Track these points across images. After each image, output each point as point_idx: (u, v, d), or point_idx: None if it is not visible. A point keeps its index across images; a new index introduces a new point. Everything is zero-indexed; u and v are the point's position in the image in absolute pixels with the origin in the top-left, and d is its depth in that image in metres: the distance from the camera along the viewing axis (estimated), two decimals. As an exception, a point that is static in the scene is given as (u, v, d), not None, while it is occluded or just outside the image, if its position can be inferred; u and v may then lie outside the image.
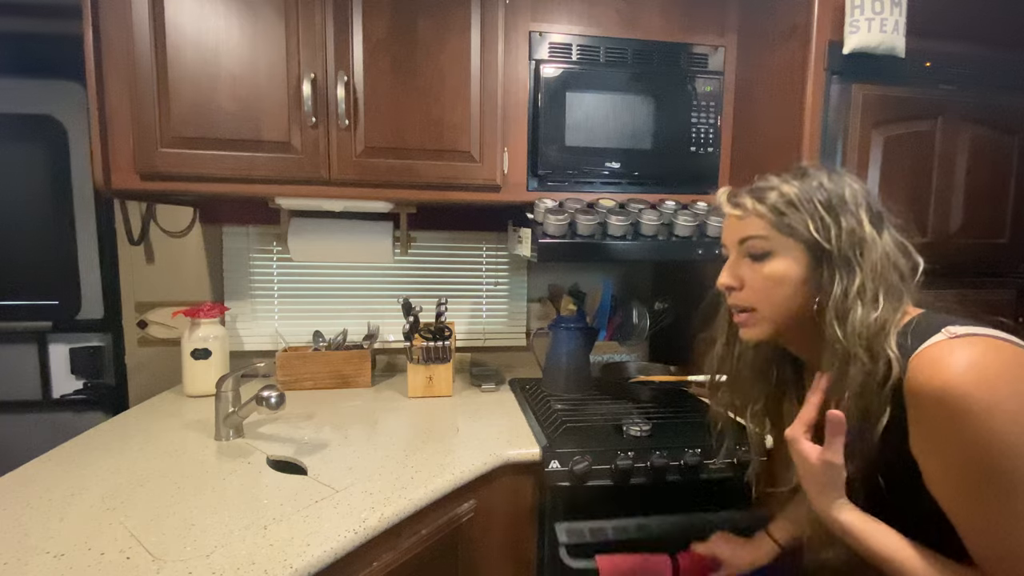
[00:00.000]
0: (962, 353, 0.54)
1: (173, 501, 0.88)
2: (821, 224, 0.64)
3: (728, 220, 0.72)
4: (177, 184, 1.19)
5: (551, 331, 1.53)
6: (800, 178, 0.68)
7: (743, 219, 0.69)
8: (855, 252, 0.63)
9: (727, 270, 0.72)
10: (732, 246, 0.72)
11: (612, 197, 1.34)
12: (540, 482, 1.10)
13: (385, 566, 0.87)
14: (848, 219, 0.64)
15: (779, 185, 0.67)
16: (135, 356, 1.57)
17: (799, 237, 0.65)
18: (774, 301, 0.68)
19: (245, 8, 1.16)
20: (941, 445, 0.55)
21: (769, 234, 0.67)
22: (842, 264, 0.63)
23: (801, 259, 0.66)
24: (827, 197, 0.65)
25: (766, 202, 0.67)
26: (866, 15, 1.10)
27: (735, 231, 0.71)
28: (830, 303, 0.63)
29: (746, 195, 0.69)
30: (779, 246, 0.66)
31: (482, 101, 1.27)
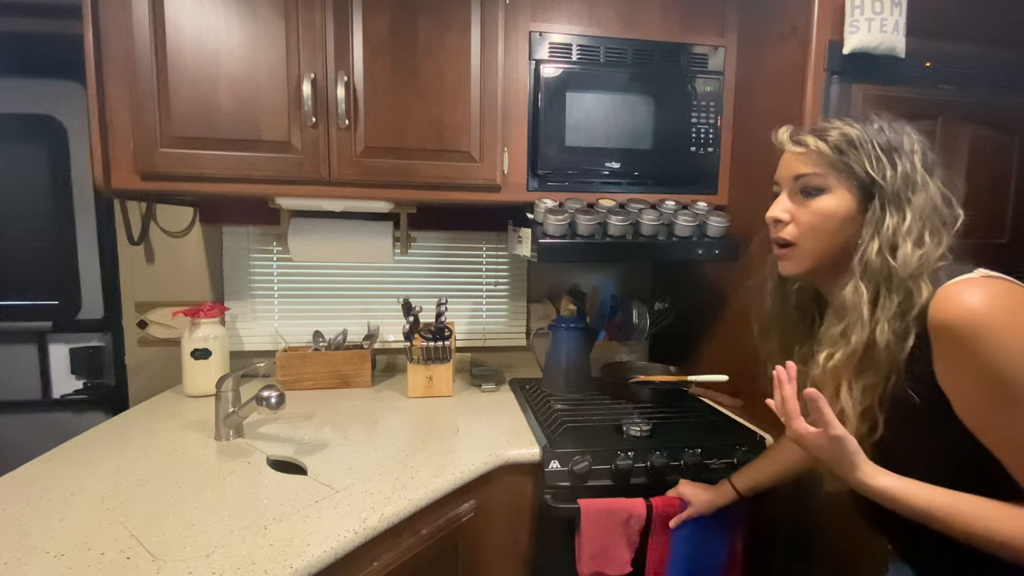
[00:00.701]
0: (986, 286, 0.60)
1: (173, 501, 0.88)
2: (877, 164, 0.67)
3: (785, 157, 0.75)
4: (177, 184, 1.19)
5: (551, 331, 1.53)
6: (862, 122, 0.70)
7: (801, 156, 0.71)
8: (906, 193, 0.66)
9: (778, 204, 0.75)
10: (786, 182, 0.74)
11: (612, 197, 1.34)
12: (540, 482, 1.10)
13: (385, 566, 0.87)
14: (904, 162, 0.67)
15: (841, 126, 0.70)
16: (135, 356, 1.57)
17: (854, 176, 0.68)
18: (818, 236, 0.71)
19: (245, 8, 1.16)
20: (970, 368, 0.58)
21: (825, 171, 0.69)
22: (894, 203, 0.66)
23: (851, 198, 0.69)
24: (886, 140, 0.68)
25: (828, 140, 0.69)
26: (866, 15, 1.10)
27: (791, 167, 0.73)
28: (880, 238, 0.65)
29: (808, 133, 0.72)
30: (833, 184, 0.69)
31: (482, 101, 1.27)
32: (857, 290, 0.66)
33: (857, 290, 0.66)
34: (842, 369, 0.66)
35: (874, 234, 0.66)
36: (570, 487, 1.08)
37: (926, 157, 0.69)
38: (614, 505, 1.04)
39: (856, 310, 0.65)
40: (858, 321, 0.65)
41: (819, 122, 0.74)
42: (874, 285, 0.65)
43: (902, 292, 0.63)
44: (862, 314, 0.65)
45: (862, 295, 0.65)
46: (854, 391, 0.66)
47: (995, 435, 0.59)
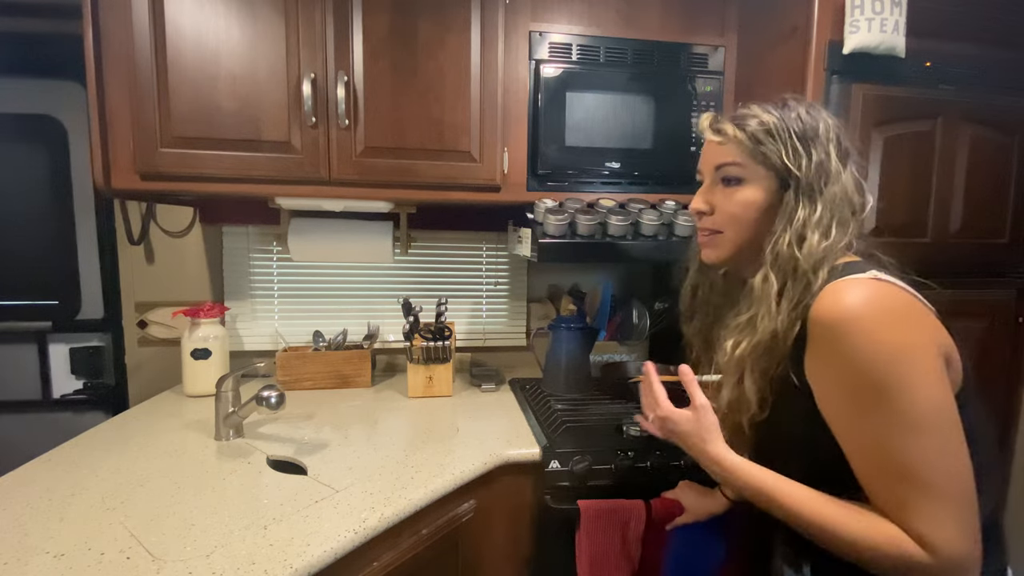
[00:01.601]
0: (868, 288, 0.60)
1: (173, 501, 0.88)
2: (793, 154, 0.68)
3: (707, 147, 0.76)
4: (177, 184, 1.19)
5: (551, 331, 1.52)
6: (780, 108, 0.71)
7: (722, 145, 0.72)
8: (820, 184, 0.67)
9: (700, 195, 0.76)
10: (708, 172, 0.76)
11: (612, 197, 1.34)
12: (540, 482, 1.10)
13: (385, 566, 0.87)
14: (818, 151, 0.68)
15: (760, 114, 0.71)
16: (135, 356, 1.57)
17: (771, 166, 0.69)
18: (739, 226, 0.72)
19: (245, 8, 1.16)
20: (831, 363, 0.61)
21: (744, 161, 0.70)
22: (807, 194, 0.67)
23: (769, 187, 0.70)
24: (802, 128, 0.68)
25: (746, 129, 0.70)
26: (866, 15, 1.10)
27: (712, 157, 0.74)
28: (791, 229, 0.67)
29: (727, 122, 0.72)
30: (751, 174, 0.70)
31: (482, 101, 1.27)
32: (767, 280, 0.67)
33: (767, 280, 0.67)
34: (747, 357, 0.68)
35: (786, 225, 0.67)
36: (570, 487, 1.08)
37: (840, 145, 0.70)
38: (613, 506, 1.04)
39: (765, 300, 0.66)
40: (766, 310, 0.66)
41: (740, 109, 0.74)
42: (782, 275, 0.66)
43: (803, 283, 0.64)
44: (770, 304, 0.66)
45: (771, 285, 0.66)
46: (755, 376, 0.68)
47: (847, 435, 0.61)
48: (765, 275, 0.67)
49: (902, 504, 0.57)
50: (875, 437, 0.58)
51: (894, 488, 0.58)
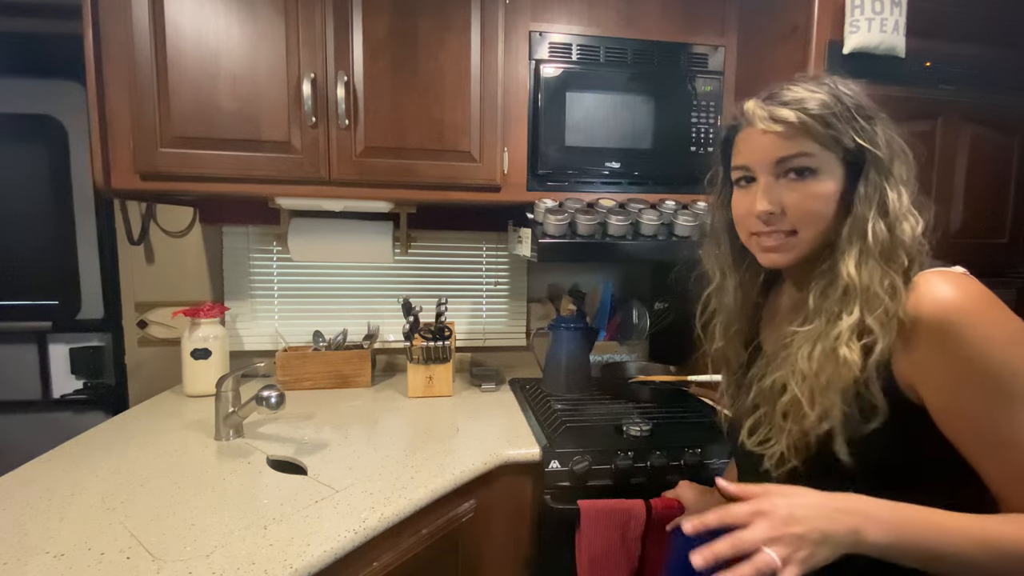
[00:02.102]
0: (962, 280, 0.56)
1: (173, 501, 0.88)
2: (862, 132, 0.61)
3: (756, 138, 0.65)
4: (177, 184, 1.19)
5: (551, 331, 1.52)
6: (819, 85, 0.63)
7: (779, 135, 0.62)
8: (892, 162, 0.61)
9: (765, 195, 0.64)
10: (764, 168, 0.64)
11: (612, 197, 1.34)
12: (540, 482, 1.10)
13: (385, 566, 0.87)
14: (880, 126, 0.62)
15: (813, 93, 0.62)
16: (135, 356, 1.57)
17: (843, 150, 0.61)
18: (817, 222, 0.63)
19: (245, 8, 1.16)
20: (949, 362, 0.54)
21: (814, 150, 0.61)
22: (886, 173, 0.60)
23: (838, 173, 0.62)
24: (856, 103, 0.62)
25: (810, 112, 0.61)
26: (866, 15, 1.10)
27: (770, 150, 0.63)
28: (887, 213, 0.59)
29: (781, 106, 0.62)
30: (824, 162, 0.62)
31: (482, 101, 1.27)
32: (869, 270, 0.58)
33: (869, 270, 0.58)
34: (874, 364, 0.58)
35: (880, 212, 0.59)
36: (570, 487, 1.08)
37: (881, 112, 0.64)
38: (614, 506, 1.04)
39: (872, 293, 0.58)
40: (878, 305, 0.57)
41: (778, 91, 0.65)
42: (886, 262, 0.58)
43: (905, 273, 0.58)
44: (880, 297, 0.57)
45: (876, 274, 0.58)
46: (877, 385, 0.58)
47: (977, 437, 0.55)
48: (860, 264, 0.59)
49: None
50: (1007, 426, 0.53)
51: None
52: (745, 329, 0.78)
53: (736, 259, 0.76)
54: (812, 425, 0.59)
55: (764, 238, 0.66)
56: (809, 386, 0.60)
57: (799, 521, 0.52)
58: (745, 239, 0.70)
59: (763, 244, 0.66)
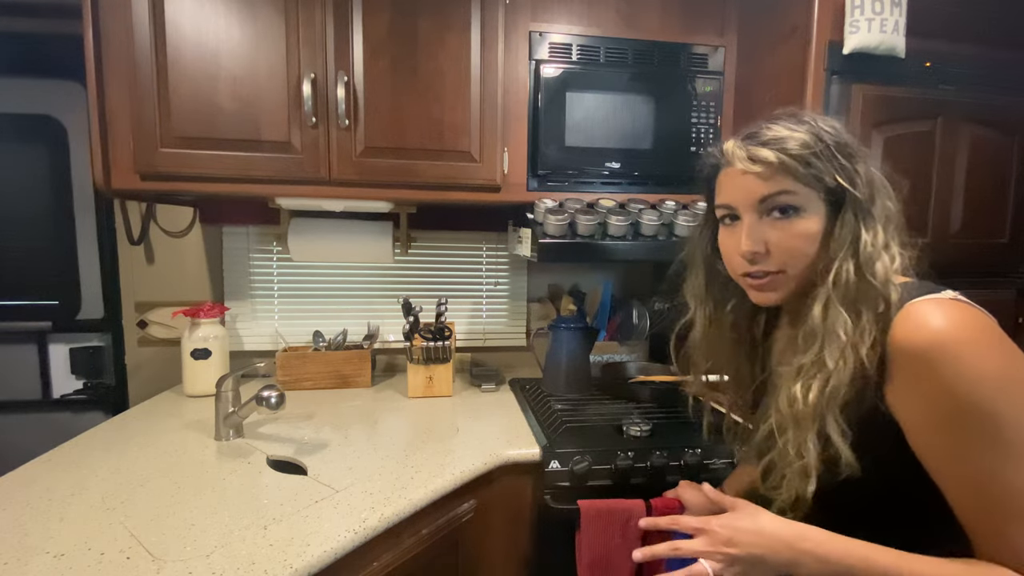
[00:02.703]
0: (949, 309, 0.55)
1: (173, 501, 0.88)
2: (843, 172, 0.61)
3: (737, 178, 0.65)
4: (177, 184, 1.19)
5: (551, 331, 1.52)
6: (799, 123, 0.63)
7: (761, 174, 0.62)
8: (872, 200, 0.61)
9: (749, 235, 0.64)
10: (747, 207, 0.64)
11: (612, 197, 1.34)
12: (540, 482, 1.10)
13: (385, 566, 0.87)
14: (861, 165, 0.62)
15: (793, 132, 0.62)
16: (135, 356, 1.57)
17: (823, 188, 0.61)
18: (802, 261, 0.63)
19: (245, 8, 1.16)
20: (925, 393, 0.54)
21: (797, 188, 0.61)
22: (864, 212, 0.60)
23: (821, 211, 0.62)
24: (836, 142, 0.62)
25: (790, 153, 0.61)
26: (866, 15, 1.10)
27: (752, 189, 0.63)
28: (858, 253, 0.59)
29: (760, 146, 0.63)
30: (805, 200, 0.61)
31: (482, 101, 1.27)
32: (828, 311, 0.59)
33: (828, 311, 0.59)
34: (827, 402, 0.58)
35: (849, 251, 0.60)
36: (570, 487, 1.08)
37: (866, 152, 0.63)
38: (614, 506, 1.04)
39: (830, 333, 0.59)
40: (836, 345, 0.58)
41: (758, 130, 0.65)
42: (851, 304, 0.58)
43: (878, 308, 0.58)
44: (839, 337, 0.58)
45: (837, 316, 0.58)
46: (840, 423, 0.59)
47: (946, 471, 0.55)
48: (826, 306, 0.60)
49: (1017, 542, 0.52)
50: (981, 470, 0.52)
51: (1006, 525, 0.52)
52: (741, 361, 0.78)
53: (711, 295, 0.77)
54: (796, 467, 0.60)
55: (753, 278, 0.66)
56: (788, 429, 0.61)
57: (736, 544, 0.61)
58: (735, 277, 0.70)
59: (752, 283, 0.67)
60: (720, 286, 0.75)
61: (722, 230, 0.70)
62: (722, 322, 0.77)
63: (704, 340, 0.78)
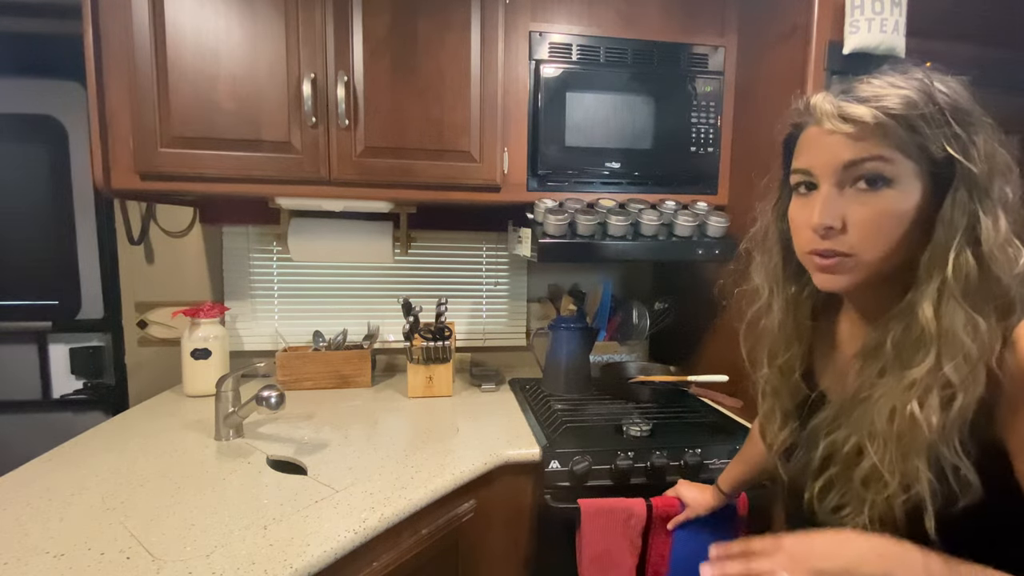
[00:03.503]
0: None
1: (173, 501, 0.88)
2: (956, 141, 0.50)
3: (822, 139, 0.54)
4: (177, 184, 1.19)
5: (551, 331, 1.52)
6: (908, 78, 0.53)
7: (850, 136, 0.52)
8: (991, 180, 0.50)
9: (825, 205, 0.53)
10: (828, 172, 0.54)
11: (612, 197, 1.34)
12: (540, 482, 1.10)
13: (385, 566, 0.87)
14: (981, 136, 0.52)
15: (897, 88, 0.51)
16: (135, 356, 1.57)
17: (927, 160, 0.51)
18: (886, 243, 0.52)
19: (245, 8, 1.16)
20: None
21: (893, 156, 0.51)
22: (984, 193, 0.49)
23: (918, 188, 0.51)
24: (953, 104, 0.52)
25: (891, 112, 0.50)
26: (866, 15, 1.10)
27: (838, 152, 0.53)
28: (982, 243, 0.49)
29: (856, 102, 0.52)
30: (901, 172, 0.51)
31: (482, 101, 1.27)
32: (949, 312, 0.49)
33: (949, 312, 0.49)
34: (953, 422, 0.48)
35: (967, 239, 0.49)
36: (570, 487, 1.08)
37: (992, 123, 0.53)
38: (614, 505, 1.04)
39: (955, 340, 0.48)
40: (960, 354, 0.48)
41: (857, 83, 0.54)
42: (976, 304, 0.48)
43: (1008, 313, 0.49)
44: (964, 343, 0.48)
45: (958, 316, 0.48)
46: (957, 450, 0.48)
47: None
48: (938, 304, 0.49)
49: None
50: None
51: None
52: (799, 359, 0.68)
53: (789, 276, 0.66)
54: (895, 496, 0.51)
55: (821, 257, 0.56)
56: (889, 451, 0.51)
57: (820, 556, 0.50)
58: (800, 255, 0.59)
59: (819, 263, 0.56)
60: (799, 266, 0.63)
61: (794, 200, 0.59)
62: (799, 306, 0.66)
63: (782, 328, 0.67)
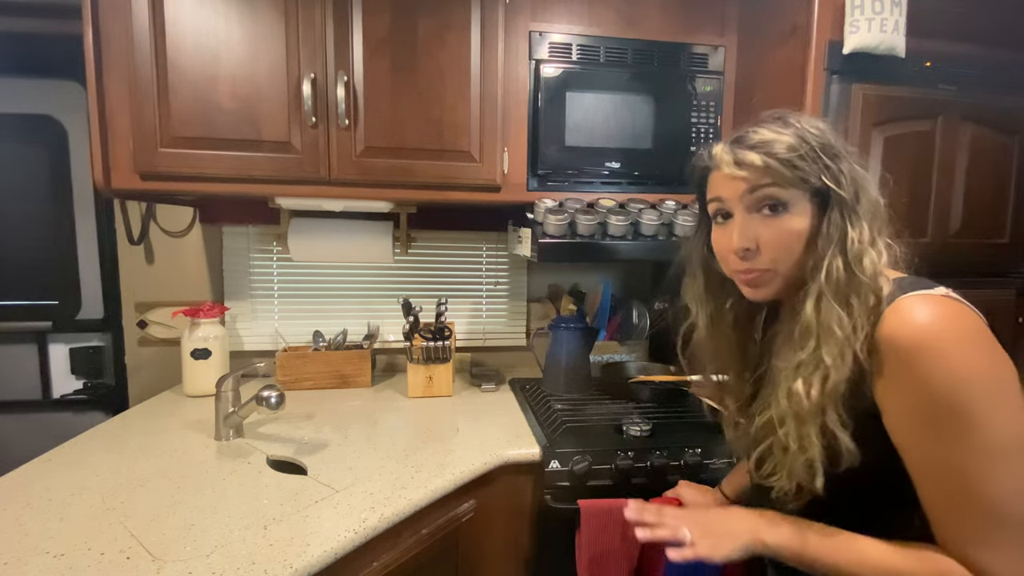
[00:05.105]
0: (938, 305, 0.56)
1: (173, 501, 0.88)
2: (828, 173, 0.62)
3: (726, 181, 0.67)
4: (177, 184, 1.19)
5: (551, 331, 1.52)
6: (785, 126, 0.65)
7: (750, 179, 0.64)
8: (857, 197, 0.62)
9: (740, 231, 0.66)
10: (736, 199, 0.66)
11: (612, 197, 1.34)
12: (540, 482, 1.10)
13: (385, 566, 0.87)
14: (846, 164, 0.63)
15: (778, 136, 0.64)
16: (135, 356, 1.57)
17: (809, 189, 0.63)
18: (792, 257, 0.64)
19: (245, 8, 1.15)
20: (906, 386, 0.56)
21: (783, 186, 0.63)
22: (850, 210, 0.62)
23: (808, 210, 0.63)
24: (822, 143, 0.63)
25: (777, 156, 0.63)
26: (866, 15, 1.10)
27: (740, 184, 0.65)
28: (846, 251, 0.61)
29: (747, 151, 0.64)
30: (793, 197, 0.63)
31: (482, 101, 1.27)
32: (820, 307, 0.61)
33: (820, 307, 0.61)
34: (827, 397, 0.60)
35: (837, 249, 0.61)
36: (570, 487, 1.08)
37: (850, 150, 0.65)
38: (614, 505, 1.04)
39: (825, 330, 0.60)
40: (832, 341, 0.59)
41: (744, 134, 0.66)
42: (842, 300, 0.60)
43: (869, 302, 0.59)
44: (835, 332, 0.59)
45: (830, 312, 0.60)
46: (842, 417, 0.60)
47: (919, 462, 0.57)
48: (818, 302, 0.61)
49: (974, 537, 0.54)
50: (952, 466, 0.54)
51: (966, 520, 0.55)
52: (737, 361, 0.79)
53: (711, 295, 0.78)
54: (799, 461, 0.62)
55: (743, 275, 0.68)
56: (787, 423, 0.63)
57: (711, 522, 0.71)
58: (730, 274, 0.71)
59: (744, 278, 0.69)
60: (718, 286, 0.76)
61: (715, 229, 0.71)
62: (723, 321, 0.78)
63: (708, 341, 0.79)
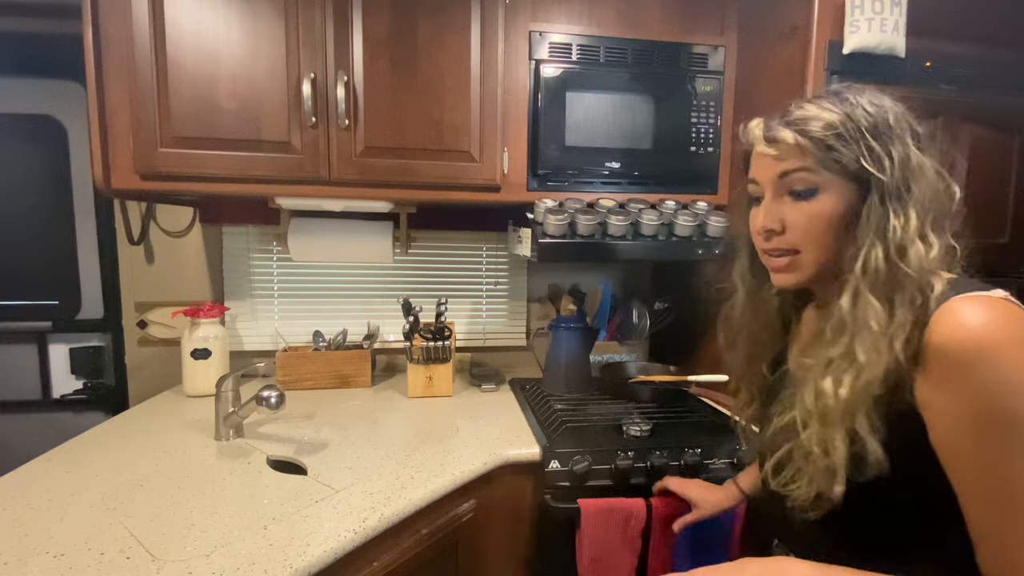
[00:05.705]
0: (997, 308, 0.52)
1: (173, 501, 0.88)
2: (870, 155, 0.58)
3: (760, 156, 0.65)
4: (177, 184, 1.19)
5: (551, 331, 1.52)
6: (838, 101, 0.61)
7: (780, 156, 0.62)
8: (906, 184, 0.58)
9: (766, 211, 0.64)
10: (768, 183, 0.64)
11: (612, 197, 1.34)
12: (540, 482, 1.10)
13: (385, 566, 0.87)
14: (898, 147, 0.58)
15: (820, 113, 0.60)
16: (135, 356, 1.57)
17: (847, 172, 0.59)
18: (821, 242, 0.61)
19: (245, 8, 1.16)
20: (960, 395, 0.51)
21: (815, 169, 0.60)
22: (895, 198, 0.57)
23: (846, 194, 0.60)
24: (872, 123, 0.59)
25: (810, 135, 0.59)
26: (866, 15, 1.10)
27: (772, 165, 0.63)
28: (886, 239, 0.57)
29: (783, 127, 0.62)
30: (825, 181, 0.60)
31: (482, 101, 1.27)
32: (858, 302, 0.57)
33: (858, 302, 0.57)
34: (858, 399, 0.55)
35: (876, 237, 0.57)
36: (570, 487, 1.08)
37: (916, 132, 0.61)
38: (614, 505, 1.04)
39: (860, 326, 0.56)
40: (868, 337, 0.55)
41: (791, 108, 0.63)
42: (883, 294, 0.56)
43: (915, 300, 0.55)
44: (871, 328, 0.55)
45: (867, 307, 0.56)
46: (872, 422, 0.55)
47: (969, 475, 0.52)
48: (855, 295, 0.57)
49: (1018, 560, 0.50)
50: (1000, 480, 0.50)
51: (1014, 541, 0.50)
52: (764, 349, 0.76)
53: (754, 274, 0.75)
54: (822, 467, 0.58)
55: (771, 257, 0.66)
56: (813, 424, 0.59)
57: None
58: (760, 256, 0.69)
59: (772, 263, 0.67)
60: (761, 268, 0.72)
61: (752, 210, 0.69)
62: (760, 299, 0.75)
63: (741, 317, 0.77)
